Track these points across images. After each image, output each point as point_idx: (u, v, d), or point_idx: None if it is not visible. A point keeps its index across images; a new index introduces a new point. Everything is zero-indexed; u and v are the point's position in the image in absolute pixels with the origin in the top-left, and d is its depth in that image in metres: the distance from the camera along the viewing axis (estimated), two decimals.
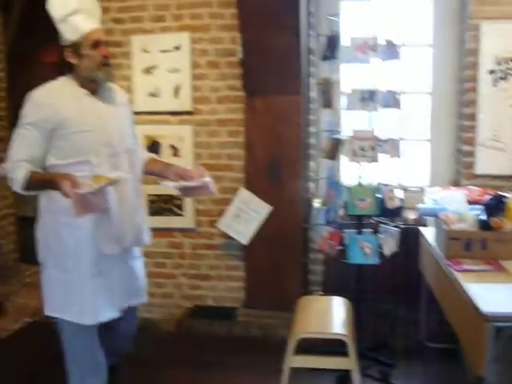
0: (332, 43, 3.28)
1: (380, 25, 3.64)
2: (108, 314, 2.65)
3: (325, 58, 3.35)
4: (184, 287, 4.41)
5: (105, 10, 4.16)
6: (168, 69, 4.19)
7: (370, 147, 3.16)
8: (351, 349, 2.68)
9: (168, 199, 4.30)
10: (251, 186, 4.03)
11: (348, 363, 2.70)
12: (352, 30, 3.83)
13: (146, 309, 4.35)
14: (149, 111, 4.28)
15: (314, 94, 4.08)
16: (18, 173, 2.46)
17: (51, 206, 2.60)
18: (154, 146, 4.29)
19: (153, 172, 2.86)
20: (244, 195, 4.05)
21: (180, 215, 4.33)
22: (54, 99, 2.53)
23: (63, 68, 2.62)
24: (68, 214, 2.42)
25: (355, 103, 3.17)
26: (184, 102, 4.22)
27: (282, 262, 4.03)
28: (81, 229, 2.55)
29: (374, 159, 3.20)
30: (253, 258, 4.11)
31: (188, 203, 4.28)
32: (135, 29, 4.23)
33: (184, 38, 4.13)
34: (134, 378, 3.28)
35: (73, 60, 2.57)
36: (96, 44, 2.55)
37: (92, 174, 2.42)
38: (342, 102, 3.34)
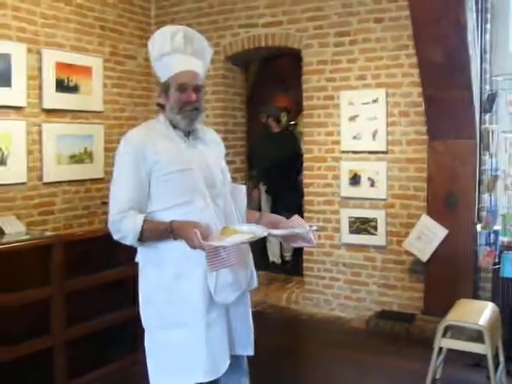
0: (491, 98, 4.08)
1: None
2: (223, 366, 2.44)
3: (484, 110, 4.16)
4: (374, 294, 5.35)
5: (320, 72, 5.42)
6: (368, 117, 5.22)
7: None
8: (487, 337, 3.43)
9: (365, 221, 5.31)
10: (432, 213, 4.86)
11: (483, 349, 3.46)
12: None
13: (342, 309, 5.44)
14: (352, 150, 5.34)
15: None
16: (131, 223, 2.29)
17: (156, 258, 2.40)
18: (355, 178, 5.36)
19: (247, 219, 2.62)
20: (425, 220, 4.88)
21: (374, 234, 5.29)
22: (150, 138, 2.39)
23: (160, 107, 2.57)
24: (177, 265, 2.34)
25: (507, 147, 3.94)
26: (380, 144, 5.20)
27: (455, 278, 4.77)
28: (193, 279, 2.35)
29: None
30: (431, 273, 4.92)
31: (381, 225, 5.24)
32: (343, 86, 5.34)
33: (381, 93, 5.14)
34: (337, 358, 4.45)
35: (161, 100, 2.49)
36: (182, 87, 2.42)
37: (219, 226, 2.34)
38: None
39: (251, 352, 2.62)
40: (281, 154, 6.67)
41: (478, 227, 4.49)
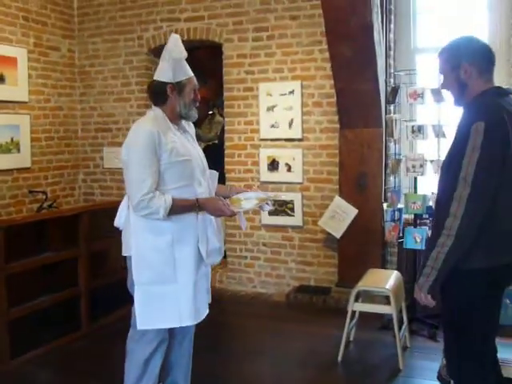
0: (394, 91, 4.61)
1: None
2: (204, 312, 3.04)
3: (388, 101, 4.68)
4: (293, 270, 5.80)
5: (240, 65, 5.77)
6: (285, 107, 5.64)
7: (419, 165, 4.44)
8: (392, 300, 3.94)
9: (283, 203, 5.75)
10: (343, 195, 5.36)
11: (390, 309, 3.97)
12: (423, 78, 5.11)
13: (263, 286, 5.85)
14: (270, 138, 5.75)
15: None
16: (161, 201, 2.77)
17: (153, 227, 2.84)
18: (274, 164, 5.78)
19: (218, 193, 3.17)
20: (338, 201, 5.36)
21: (292, 215, 5.74)
22: (159, 128, 2.81)
23: (155, 100, 2.97)
24: (174, 233, 2.85)
25: (408, 134, 4.47)
26: (296, 132, 5.63)
27: (365, 252, 5.28)
28: (187, 245, 2.88)
29: (423, 174, 4.46)
30: (344, 249, 5.43)
31: (297, 207, 5.69)
32: (262, 78, 5.73)
33: (297, 85, 5.57)
34: (261, 328, 4.88)
35: (172, 95, 2.91)
36: (195, 88, 2.99)
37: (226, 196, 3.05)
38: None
39: (210, 300, 3.17)
40: None
41: (385, 206, 5.03)
